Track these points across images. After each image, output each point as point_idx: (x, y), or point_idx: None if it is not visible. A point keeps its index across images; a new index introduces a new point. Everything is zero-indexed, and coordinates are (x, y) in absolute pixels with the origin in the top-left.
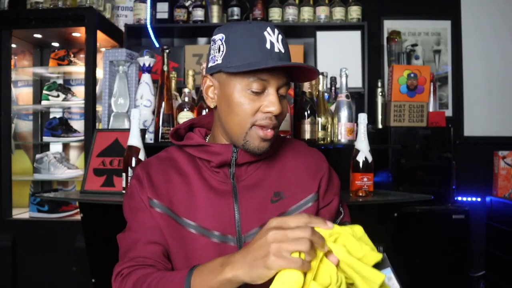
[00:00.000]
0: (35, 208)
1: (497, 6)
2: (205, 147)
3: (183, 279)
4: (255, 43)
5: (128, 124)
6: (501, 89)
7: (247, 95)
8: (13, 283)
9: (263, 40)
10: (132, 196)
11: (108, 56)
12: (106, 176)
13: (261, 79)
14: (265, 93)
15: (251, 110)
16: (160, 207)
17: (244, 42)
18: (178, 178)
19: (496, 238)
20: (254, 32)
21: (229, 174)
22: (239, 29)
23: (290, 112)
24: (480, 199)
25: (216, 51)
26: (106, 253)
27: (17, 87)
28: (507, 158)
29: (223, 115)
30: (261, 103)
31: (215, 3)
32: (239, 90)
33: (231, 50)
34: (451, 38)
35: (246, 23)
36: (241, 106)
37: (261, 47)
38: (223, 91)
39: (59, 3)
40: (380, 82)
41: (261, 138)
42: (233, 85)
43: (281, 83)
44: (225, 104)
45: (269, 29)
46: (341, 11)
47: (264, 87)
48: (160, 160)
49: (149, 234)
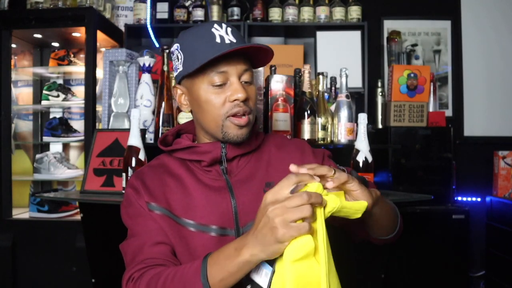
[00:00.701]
0: (35, 208)
1: (497, 6)
2: (194, 148)
3: (198, 269)
4: (205, 41)
5: (128, 124)
6: (501, 89)
7: (212, 91)
8: (13, 283)
9: (212, 36)
10: (129, 204)
11: (108, 56)
12: (106, 176)
13: (220, 71)
14: (228, 84)
15: (219, 103)
16: (159, 209)
17: (195, 44)
18: (172, 181)
19: (496, 238)
20: (202, 32)
21: (220, 171)
22: (189, 34)
23: (290, 112)
24: (480, 199)
25: (175, 61)
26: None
27: (17, 87)
28: (507, 158)
29: (198, 116)
30: (226, 94)
31: (215, 3)
32: (204, 89)
33: (186, 55)
34: (451, 38)
35: (194, 27)
36: (209, 102)
37: (212, 43)
38: (192, 94)
39: (59, 3)
40: (380, 82)
41: (237, 126)
42: (198, 86)
43: (240, 71)
44: (196, 106)
45: (216, 25)
46: (341, 11)
47: (225, 79)
48: (152, 168)
49: (154, 236)
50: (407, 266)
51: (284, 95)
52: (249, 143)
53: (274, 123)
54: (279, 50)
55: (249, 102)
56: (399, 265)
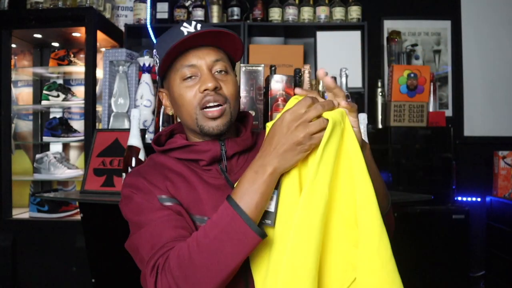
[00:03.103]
0: (35, 208)
1: (497, 6)
2: (191, 147)
3: (232, 211)
4: (174, 39)
5: (128, 124)
6: (501, 89)
7: (184, 85)
8: (13, 283)
9: (180, 33)
10: (131, 201)
11: (108, 56)
12: (106, 176)
13: (189, 65)
14: (198, 76)
15: (191, 96)
16: (171, 200)
17: (165, 44)
18: (175, 177)
19: (496, 238)
20: (171, 32)
21: (220, 169)
22: (161, 37)
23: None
24: (480, 199)
25: (156, 65)
26: (106, 253)
27: (17, 87)
28: (507, 158)
29: (178, 114)
30: (198, 86)
31: (215, 3)
32: (177, 85)
33: (160, 56)
34: (451, 38)
35: (165, 32)
36: (183, 96)
37: (178, 38)
38: (171, 94)
39: (59, 3)
40: (380, 82)
41: (209, 118)
42: (172, 83)
43: (210, 62)
44: (174, 104)
45: (185, 23)
46: (341, 11)
47: (196, 71)
48: (149, 166)
49: (169, 221)
50: (407, 266)
51: (284, 95)
52: (246, 139)
53: None
54: (279, 50)
55: (223, 91)
56: (399, 265)
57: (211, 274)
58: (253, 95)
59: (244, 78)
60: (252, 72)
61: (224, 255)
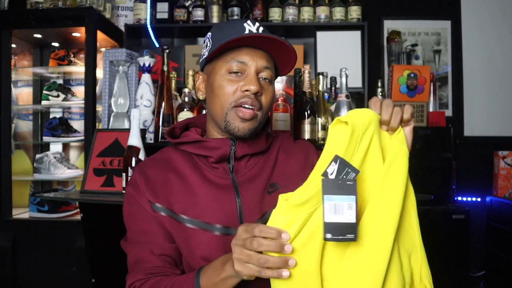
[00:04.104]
0: (35, 208)
1: (497, 6)
2: (202, 143)
3: (192, 280)
4: (234, 32)
5: (128, 124)
6: (501, 89)
7: (228, 77)
8: (13, 283)
9: (242, 29)
10: (131, 204)
11: (108, 56)
12: (106, 176)
13: (240, 61)
14: (244, 75)
15: (230, 90)
16: (164, 210)
17: (224, 33)
18: (176, 180)
19: (496, 238)
20: (234, 24)
21: (227, 169)
22: (222, 25)
23: (290, 112)
24: (480, 199)
25: (204, 48)
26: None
27: (17, 87)
28: (507, 158)
29: (209, 102)
30: (240, 84)
31: (215, 3)
32: (222, 75)
33: (214, 42)
34: (451, 38)
35: (227, 21)
36: (222, 88)
37: (239, 34)
38: (210, 80)
39: (59, 3)
40: (380, 82)
41: (240, 118)
42: (216, 71)
43: (260, 66)
44: (210, 91)
45: (250, 21)
46: (341, 11)
47: (243, 69)
48: (156, 162)
49: (157, 243)
50: None
51: (284, 95)
52: (258, 143)
53: (274, 123)
54: None
55: (262, 98)
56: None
57: None
58: None
59: None
60: None
61: None
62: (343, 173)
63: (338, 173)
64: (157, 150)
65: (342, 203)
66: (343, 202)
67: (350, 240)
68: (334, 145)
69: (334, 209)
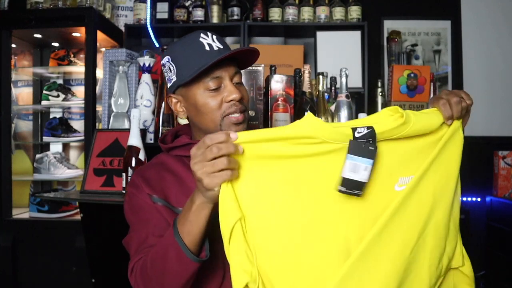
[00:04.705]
0: (35, 208)
1: (497, 6)
2: (192, 145)
3: (171, 230)
4: (195, 50)
5: (128, 124)
6: (501, 89)
7: (208, 95)
8: (13, 283)
9: (201, 45)
10: (131, 200)
11: (108, 56)
12: (106, 176)
13: (215, 77)
14: (222, 87)
15: (216, 105)
16: (160, 201)
17: (186, 54)
18: (170, 177)
19: (496, 238)
20: (190, 42)
21: None
22: (178, 46)
23: (290, 112)
24: (480, 199)
25: (168, 72)
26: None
27: (17, 87)
28: (507, 158)
29: (197, 120)
30: (222, 96)
31: (215, 3)
32: (201, 94)
33: (179, 65)
34: (451, 38)
35: (180, 40)
36: (207, 105)
37: (202, 51)
38: (188, 101)
39: (59, 3)
40: (380, 82)
41: (234, 124)
42: (194, 92)
43: (232, 73)
44: (193, 110)
45: (202, 34)
46: (341, 11)
47: (220, 83)
48: (151, 165)
49: (158, 228)
50: None
51: (284, 95)
52: None
53: (274, 123)
54: (279, 50)
55: (243, 101)
56: None
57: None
58: (253, 95)
59: (244, 78)
60: (252, 72)
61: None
62: (366, 140)
63: (363, 137)
64: (157, 150)
65: (360, 164)
66: (362, 163)
67: (356, 195)
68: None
69: (353, 168)
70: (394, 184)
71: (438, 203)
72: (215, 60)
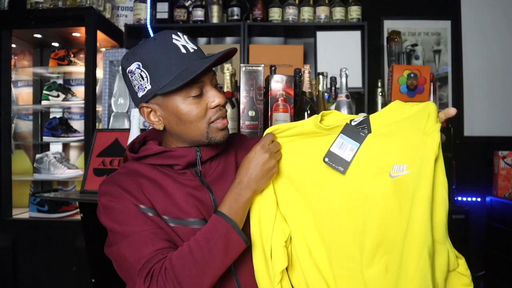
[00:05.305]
0: (35, 208)
1: (497, 6)
2: (167, 153)
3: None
4: (171, 54)
5: (128, 124)
6: (501, 89)
7: (191, 102)
8: (13, 283)
9: (176, 48)
10: (110, 208)
11: (108, 56)
12: (106, 176)
13: (198, 82)
14: (203, 92)
15: (201, 112)
16: (150, 210)
17: (160, 59)
18: (148, 183)
19: (496, 238)
20: (163, 45)
21: (194, 172)
22: (148, 50)
23: (290, 112)
24: (480, 199)
25: (139, 80)
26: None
27: (17, 87)
28: (507, 158)
29: (178, 129)
30: (206, 101)
31: (215, 3)
32: (182, 102)
33: (154, 72)
34: (451, 38)
35: (150, 43)
36: (191, 113)
37: (178, 55)
38: (167, 110)
39: (59, 3)
40: (380, 82)
41: (220, 130)
42: (174, 100)
43: (211, 77)
44: (174, 119)
45: (174, 35)
46: (341, 11)
47: (201, 88)
48: (121, 175)
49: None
50: None
51: (284, 95)
52: (219, 145)
53: (274, 123)
54: (279, 50)
55: (224, 105)
56: None
57: (209, 270)
58: (253, 95)
59: (244, 78)
60: (252, 72)
61: (220, 257)
62: (361, 126)
63: (359, 124)
64: None
65: (348, 144)
66: (349, 144)
67: (339, 171)
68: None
69: (341, 145)
70: (389, 171)
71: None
72: (204, 67)
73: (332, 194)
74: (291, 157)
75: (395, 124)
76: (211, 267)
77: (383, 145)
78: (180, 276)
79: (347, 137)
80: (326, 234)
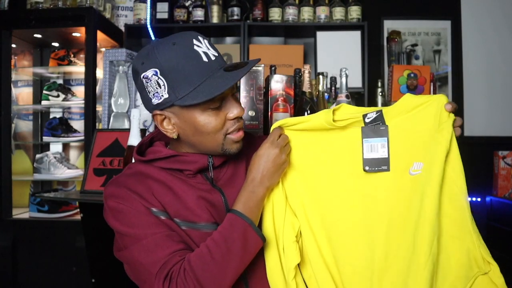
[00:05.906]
0: (35, 208)
1: (497, 5)
2: (178, 157)
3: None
4: (192, 63)
5: (128, 124)
6: (501, 89)
7: (210, 113)
8: (13, 283)
9: (197, 55)
10: (120, 212)
11: (108, 56)
12: (106, 176)
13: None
14: (223, 103)
15: (219, 125)
16: (162, 214)
17: (180, 68)
18: (157, 186)
19: (496, 238)
20: (184, 52)
21: (204, 177)
22: (167, 57)
23: (290, 112)
24: (480, 199)
25: (155, 87)
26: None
27: (17, 87)
28: (507, 158)
29: (193, 139)
30: (225, 113)
31: (215, 3)
32: (201, 113)
33: (173, 81)
34: (451, 38)
35: (168, 47)
36: (209, 125)
37: (200, 63)
38: (183, 119)
39: (59, 3)
40: (380, 82)
41: (235, 142)
42: (192, 111)
43: (231, 87)
44: (190, 129)
45: (195, 40)
46: (341, 11)
47: (222, 100)
48: (129, 176)
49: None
50: None
51: (284, 95)
52: None
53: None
54: (279, 50)
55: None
56: None
57: (229, 269)
58: (253, 95)
59: (244, 78)
60: (252, 72)
61: (239, 255)
62: (376, 123)
63: (373, 121)
64: None
65: (376, 143)
66: (377, 142)
67: (384, 170)
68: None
69: (371, 148)
70: (409, 168)
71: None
72: (230, 85)
73: (346, 191)
74: (300, 150)
75: (409, 119)
76: (231, 267)
77: (403, 142)
78: (201, 277)
79: (371, 138)
80: (334, 229)
